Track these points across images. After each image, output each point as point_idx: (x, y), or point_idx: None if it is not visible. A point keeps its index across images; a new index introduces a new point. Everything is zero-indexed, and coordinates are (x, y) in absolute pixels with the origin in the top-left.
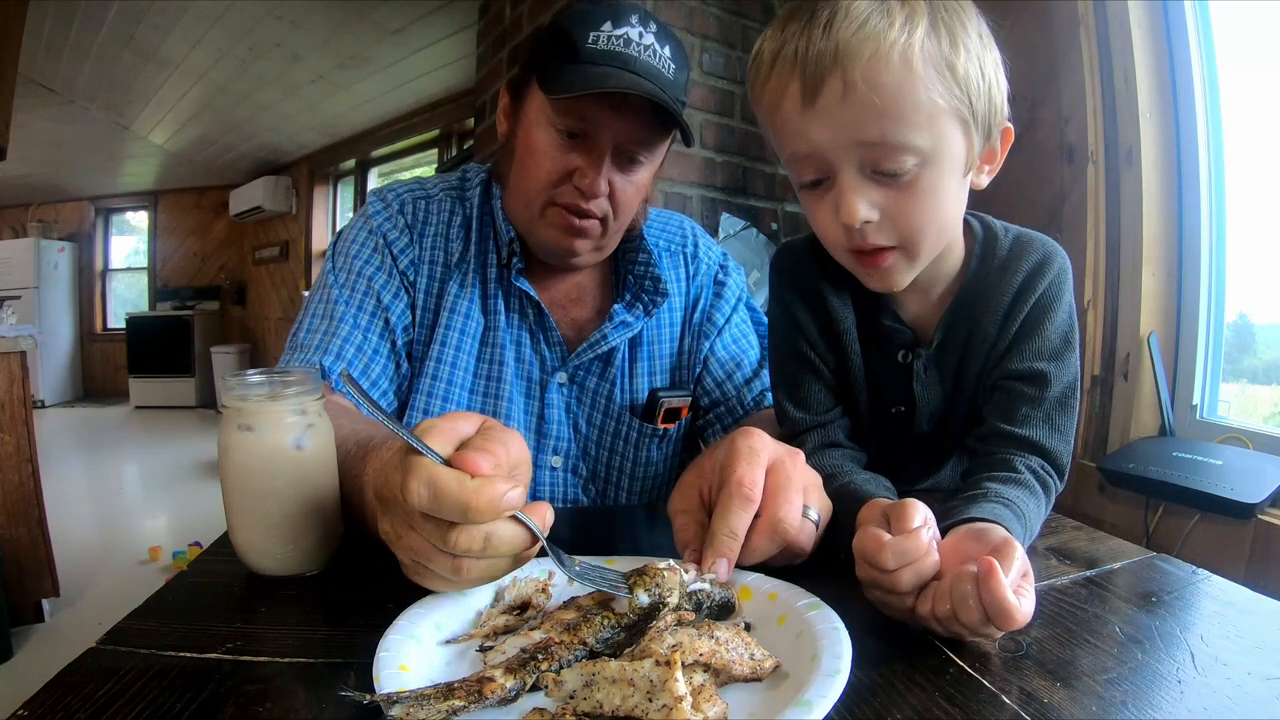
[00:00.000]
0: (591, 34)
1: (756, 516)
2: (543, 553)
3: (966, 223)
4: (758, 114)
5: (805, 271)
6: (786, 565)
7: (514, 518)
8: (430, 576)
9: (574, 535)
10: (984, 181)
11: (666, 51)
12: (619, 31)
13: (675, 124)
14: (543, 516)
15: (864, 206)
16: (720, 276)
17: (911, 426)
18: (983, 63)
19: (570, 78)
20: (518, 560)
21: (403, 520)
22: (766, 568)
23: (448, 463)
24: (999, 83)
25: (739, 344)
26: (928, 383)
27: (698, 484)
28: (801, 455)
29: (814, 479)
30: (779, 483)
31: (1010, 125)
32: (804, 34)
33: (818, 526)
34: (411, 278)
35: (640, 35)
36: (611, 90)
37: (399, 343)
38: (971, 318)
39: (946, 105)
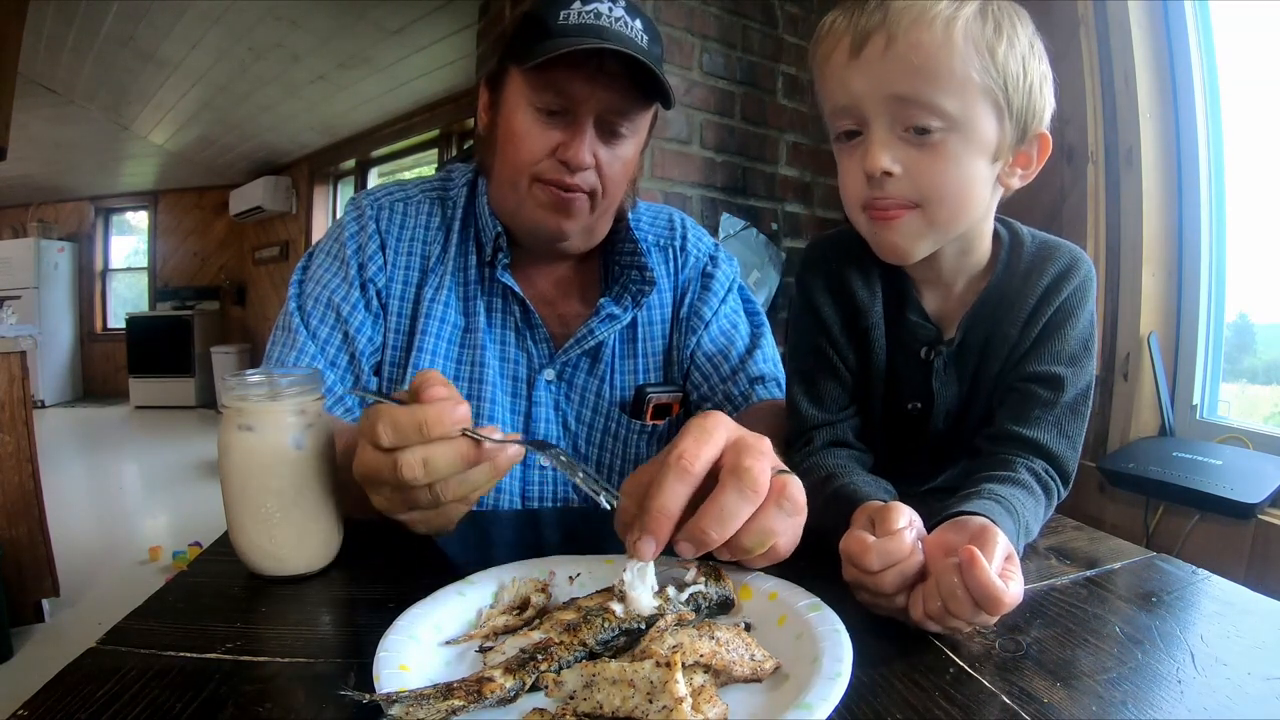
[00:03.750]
0: (562, 12)
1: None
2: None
3: (994, 227)
4: (813, 75)
5: (834, 264)
6: (767, 563)
7: (465, 435)
8: (430, 518)
9: (563, 535)
10: (1015, 184)
11: (638, 24)
12: (589, 7)
13: (654, 94)
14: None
15: (887, 158)
16: (709, 269)
17: (926, 424)
18: (1026, 63)
19: (544, 48)
20: (491, 475)
21: (381, 484)
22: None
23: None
24: (1042, 91)
25: (727, 335)
26: (946, 380)
27: (652, 470)
28: (768, 441)
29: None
30: (740, 448)
31: (1048, 135)
32: (861, 6)
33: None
34: (381, 285)
35: (610, 9)
36: (588, 48)
37: (359, 352)
38: (994, 319)
39: (980, 82)
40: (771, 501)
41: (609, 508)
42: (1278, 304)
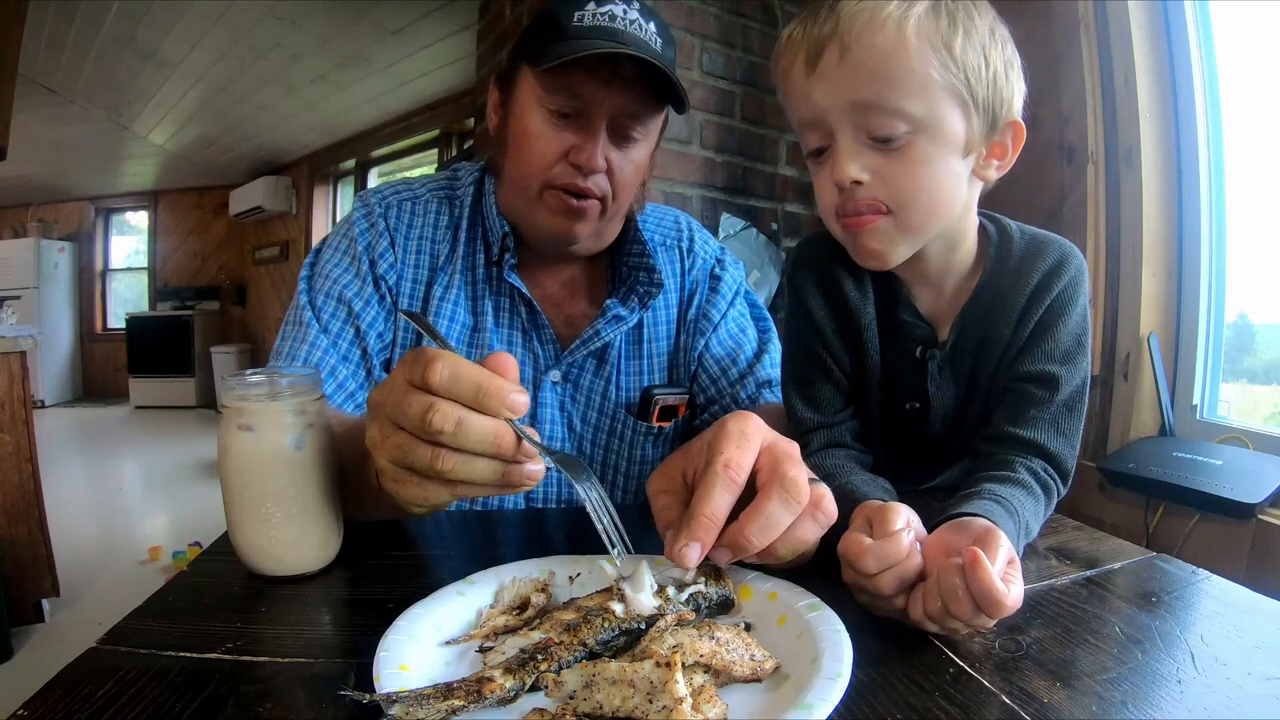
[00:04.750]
0: (576, 13)
1: (757, 494)
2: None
3: (981, 223)
4: (778, 91)
5: (825, 265)
6: (792, 567)
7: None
8: (407, 481)
9: (567, 536)
10: (992, 175)
11: (652, 27)
12: (604, 9)
13: (668, 97)
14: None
15: (855, 167)
16: (716, 271)
17: (925, 425)
18: (987, 52)
19: (559, 50)
20: (498, 477)
21: (388, 421)
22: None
23: None
24: (1008, 78)
25: (735, 339)
26: (941, 382)
27: (682, 465)
28: (797, 447)
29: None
30: (778, 455)
31: (1021, 121)
32: (814, 15)
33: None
34: (392, 282)
35: (625, 11)
36: (603, 52)
37: (370, 349)
38: (986, 319)
39: (940, 79)
40: (807, 513)
41: (610, 568)
42: (1278, 304)
